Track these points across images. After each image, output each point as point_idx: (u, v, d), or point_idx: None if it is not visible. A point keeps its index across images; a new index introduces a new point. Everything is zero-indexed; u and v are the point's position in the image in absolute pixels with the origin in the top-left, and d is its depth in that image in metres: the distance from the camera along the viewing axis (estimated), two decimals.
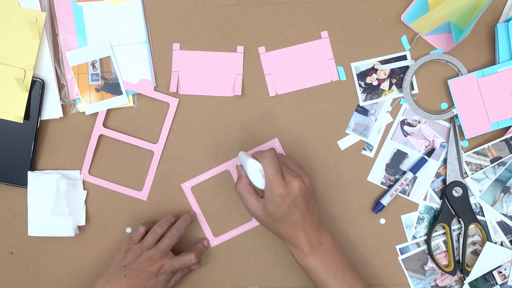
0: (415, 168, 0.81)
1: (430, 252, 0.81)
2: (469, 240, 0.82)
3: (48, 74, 0.81)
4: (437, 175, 0.82)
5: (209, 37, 0.82)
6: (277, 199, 0.69)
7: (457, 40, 0.78)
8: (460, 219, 0.81)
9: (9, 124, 0.80)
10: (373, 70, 0.82)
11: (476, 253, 0.82)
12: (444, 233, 0.82)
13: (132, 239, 0.78)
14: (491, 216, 0.82)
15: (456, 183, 0.81)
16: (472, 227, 0.82)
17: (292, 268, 0.83)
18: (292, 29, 0.82)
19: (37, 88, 0.80)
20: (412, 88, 0.82)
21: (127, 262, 0.76)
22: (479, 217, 0.82)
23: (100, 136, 0.82)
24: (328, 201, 0.82)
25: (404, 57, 0.82)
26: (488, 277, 0.81)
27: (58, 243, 0.83)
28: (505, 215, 0.82)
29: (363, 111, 0.82)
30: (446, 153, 0.82)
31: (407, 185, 0.82)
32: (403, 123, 0.82)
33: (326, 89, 0.82)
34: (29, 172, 0.80)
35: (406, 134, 0.82)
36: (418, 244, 0.82)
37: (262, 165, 0.70)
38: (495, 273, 0.81)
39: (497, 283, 0.81)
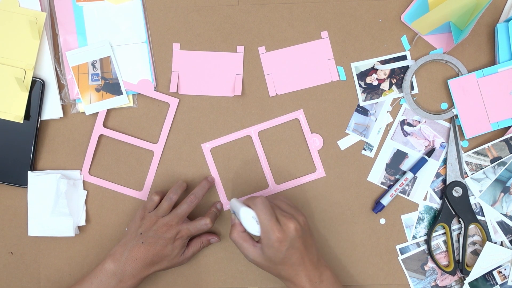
0: (415, 168, 0.81)
1: (430, 252, 0.81)
2: (469, 240, 0.82)
3: (48, 74, 0.81)
4: (437, 175, 0.82)
5: (209, 37, 0.82)
6: (275, 244, 0.69)
7: (457, 40, 0.78)
8: (460, 219, 0.81)
9: (9, 124, 0.80)
10: (373, 70, 0.82)
11: (476, 253, 0.82)
12: (444, 233, 0.82)
13: (147, 207, 0.78)
14: (491, 216, 0.82)
15: (456, 183, 0.81)
16: (472, 227, 0.82)
17: None
18: (292, 29, 0.82)
19: (37, 88, 0.80)
20: (412, 88, 0.82)
21: (144, 230, 0.76)
22: (479, 217, 0.81)
23: (100, 136, 0.82)
24: (328, 201, 0.82)
25: (404, 57, 0.82)
26: (488, 277, 0.81)
27: (58, 243, 0.83)
28: (505, 215, 0.82)
29: (363, 111, 0.82)
30: (446, 153, 0.82)
31: (407, 185, 0.82)
32: (403, 123, 0.82)
33: (326, 89, 0.82)
34: (29, 172, 0.80)
35: (406, 134, 0.82)
36: (418, 244, 0.82)
37: (255, 211, 0.70)
38: (495, 273, 0.81)
39: (497, 283, 0.81)
